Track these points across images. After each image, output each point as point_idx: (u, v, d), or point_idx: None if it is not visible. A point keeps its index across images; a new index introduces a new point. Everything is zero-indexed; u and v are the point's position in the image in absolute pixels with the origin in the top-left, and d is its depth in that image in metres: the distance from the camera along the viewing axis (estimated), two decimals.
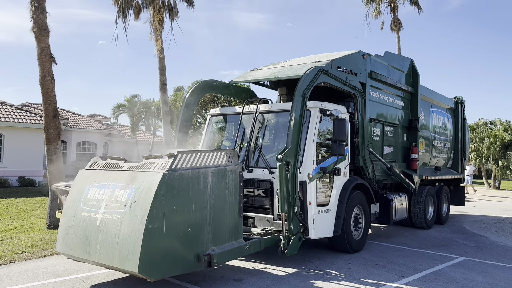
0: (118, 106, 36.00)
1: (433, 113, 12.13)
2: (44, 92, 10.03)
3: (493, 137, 31.02)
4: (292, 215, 6.30)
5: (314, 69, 7.11)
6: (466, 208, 15.53)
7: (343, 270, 6.72)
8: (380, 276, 6.46)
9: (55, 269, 6.55)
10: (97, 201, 5.51)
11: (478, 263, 7.55)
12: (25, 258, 7.25)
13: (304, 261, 7.21)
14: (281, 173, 6.22)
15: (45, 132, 10.09)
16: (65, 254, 5.89)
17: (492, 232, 11.08)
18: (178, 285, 5.81)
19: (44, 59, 9.98)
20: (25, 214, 11.63)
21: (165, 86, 16.93)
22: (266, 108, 7.91)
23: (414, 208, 10.85)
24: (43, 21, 10.01)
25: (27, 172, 20.55)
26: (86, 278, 6.11)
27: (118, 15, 16.40)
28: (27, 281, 5.94)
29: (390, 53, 10.49)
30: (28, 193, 16.93)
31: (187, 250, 5.23)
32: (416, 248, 8.68)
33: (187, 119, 8.58)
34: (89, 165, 6.28)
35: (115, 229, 5.09)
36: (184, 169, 5.27)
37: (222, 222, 5.71)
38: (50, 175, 10.07)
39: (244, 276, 6.25)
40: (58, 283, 5.85)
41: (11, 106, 21.78)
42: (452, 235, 10.38)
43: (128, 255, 4.87)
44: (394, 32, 28.54)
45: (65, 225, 5.80)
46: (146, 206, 4.89)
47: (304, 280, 6.15)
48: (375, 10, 28.57)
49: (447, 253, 8.29)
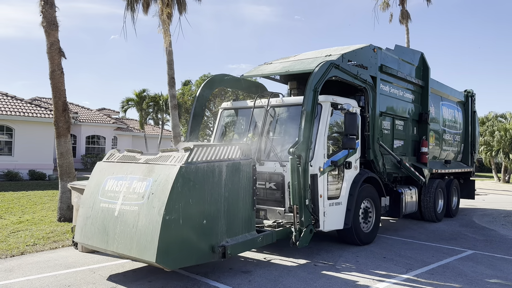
0: (127, 100, 36.16)
1: (443, 107, 12.11)
2: (53, 86, 10.11)
3: (503, 130, 30.73)
4: (304, 208, 6.37)
5: (326, 63, 7.13)
6: (475, 202, 15.44)
7: (351, 263, 6.74)
8: (388, 268, 6.47)
9: (66, 261, 6.65)
10: (115, 193, 5.64)
11: (487, 256, 7.52)
12: (36, 250, 7.36)
13: (312, 253, 7.24)
14: (293, 166, 6.31)
15: (55, 126, 10.18)
16: (83, 244, 6.06)
17: (502, 225, 11.01)
18: (187, 277, 5.87)
19: (54, 53, 10.05)
20: (36, 207, 11.79)
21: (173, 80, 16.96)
22: (278, 102, 7.95)
23: (424, 202, 10.82)
24: (52, 15, 10.07)
25: (38, 166, 20.80)
26: (96, 269, 6.20)
27: (127, 9, 16.45)
28: (39, 272, 6.03)
29: (401, 46, 10.45)
30: (38, 186, 17.14)
31: (202, 241, 5.35)
32: (424, 241, 8.67)
33: (199, 114, 8.63)
34: (107, 158, 6.41)
35: (133, 220, 5.22)
36: (200, 162, 5.37)
37: (236, 214, 5.80)
38: (60, 168, 10.17)
39: (253, 268, 6.29)
40: (69, 274, 5.95)
41: (21, 100, 21.99)
42: (461, 229, 10.34)
43: (146, 245, 4.99)
44: (402, 25, 28.30)
45: (84, 216, 5.94)
46: (164, 198, 5.00)
47: (312, 272, 6.18)
48: (384, 3, 28.34)
49: (456, 246, 8.26)
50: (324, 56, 8.26)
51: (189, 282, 5.66)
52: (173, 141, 16.73)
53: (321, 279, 5.87)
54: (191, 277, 5.86)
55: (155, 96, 35.91)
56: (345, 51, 8.30)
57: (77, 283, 5.58)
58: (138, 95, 35.61)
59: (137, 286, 5.50)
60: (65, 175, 10.10)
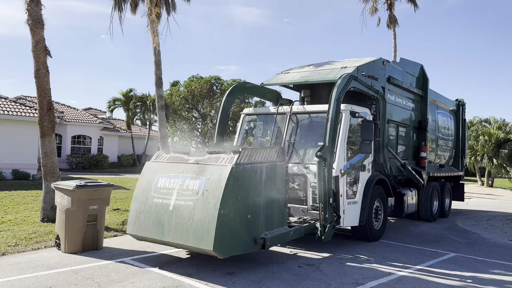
0: (114, 100, 35.84)
1: (438, 115, 12.97)
2: (38, 84, 9.97)
3: (488, 135, 31.16)
4: (328, 206, 7.08)
5: (346, 76, 7.80)
6: (459, 205, 15.66)
7: (335, 265, 6.77)
8: (371, 271, 6.53)
9: (48, 262, 6.57)
10: (168, 189, 6.31)
11: (469, 259, 7.64)
12: (18, 250, 7.25)
13: (295, 256, 7.29)
14: (320, 168, 6.99)
15: (40, 125, 10.04)
16: (136, 236, 6.62)
17: (484, 229, 11.19)
18: (171, 278, 5.85)
19: (39, 51, 9.92)
20: (19, 207, 11.62)
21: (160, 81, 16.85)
22: (299, 109, 8.72)
23: (422, 202, 11.57)
24: (38, 13, 9.93)
25: (22, 165, 20.48)
26: (79, 270, 6.13)
27: (114, 8, 16.30)
28: (20, 273, 5.95)
29: (405, 59, 11.24)
30: (22, 186, 16.87)
31: (247, 234, 6.00)
32: (408, 244, 8.76)
33: (224, 119, 9.37)
34: (154, 158, 7.09)
35: (188, 214, 5.89)
36: (246, 163, 6.07)
37: (272, 210, 6.46)
38: (44, 168, 10.04)
39: (237, 270, 6.29)
40: (51, 275, 5.87)
41: (5, 98, 21.65)
42: (444, 232, 10.48)
43: (202, 236, 5.65)
44: (390, 29, 28.58)
45: (136, 210, 6.60)
46: (218, 194, 5.68)
47: (295, 274, 6.21)
48: (372, 7, 28.59)
49: (439, 249, 8.38)
50: (340, 68, 8.93)
51: (173, 283, 5.64)
52: (160, 142, 16.62)
53: (305, 281, 5.89)
54: (175, 278, 5.84)
55: (142, 96, 35.66)
56: (358, 63, 8.89)
57: (58, 284, 5.51)
58: (125, 95, 35.31)
59: (121, 287, 5.46)
60: (49, 175, 9.96)
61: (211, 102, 39.03)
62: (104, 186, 7.47)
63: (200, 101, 39.30)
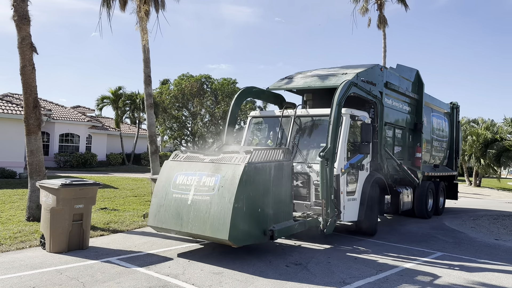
0: (102, 98, 35.38)
1: (433, 117, 13.49)
2: (24, 82, 9.82)
3: (476, 135, 31.47)
4: (330, 202, 7.58)
5: (347, 83, 8.32)
6: (447, 205, 15.77)
7: (323, 265, 6.77)
8: (359, 270, 6.53)
9: (32, 261, 6.46)
10: (186, 186, 6.91)
11: (455, 258, 7.68)
12: (2, 250, 7.12)
13: (285, 254, 7.28)
14: (322, 167, 7.52)
15: (25, 123, 9.90)
16: (156, 227, 7.19)
17: (471, 228, 11.28)
18: (157, 278, 5.79)
19: (25, 48, 9.76)
20: (4, 206, 11.45)
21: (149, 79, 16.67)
22: (303, 113, 9.35)
23: (417, 200, 12.01)
24: (24, 10, 9.78)
25: (8, 164, 20.18)
26: (63, 270, 6.05)
27: (103, 5, 16.10)
28: (3, 273, 5.84)
29: (401, 65, 11.74)
30: (8, 184, 16.63)
31: (257, 226, 6.59)
32: (395, 243, 8.80)
33: (232, 122, 10.07)
34: (172, 157, 7.63)
35: (205, 207, 6.49)
36: (257, 162, 6.68)
37: (279, 205, 7.05)
38: (30, 166, 9.90)
39: (224, 270, 6.25)
40: (35, 275, 5.78)
41: None
42: (431, 231, 10.54)
43: (218, 227, 6.25)
44: (380, 30, 28.67)
45: (157, 205, 7.16)
46: (233, 190, 6.28)
47: (283, 273, 6.19)
48: (363, 7, 28.63)
49: (426, 248, 8.42)
50: (341, 74, 9.52)
51: (159, 283, 5.59)
52: (149, 141, 16.48)
53: (292, 281, 5.87)
54: (161, 278, 5.78)
55: (131, 94, 35.28)
56: (357, 70, 9.43)
57: (42, 284, 5.42)
58: (114, 93, 34.89)
59: (106, 287, 5.39)
60: (35, 174, 9.82)
61: (201, 101, 38.86)
62: (90, 185, 7.38)
63: (190, 100, 39.10)
